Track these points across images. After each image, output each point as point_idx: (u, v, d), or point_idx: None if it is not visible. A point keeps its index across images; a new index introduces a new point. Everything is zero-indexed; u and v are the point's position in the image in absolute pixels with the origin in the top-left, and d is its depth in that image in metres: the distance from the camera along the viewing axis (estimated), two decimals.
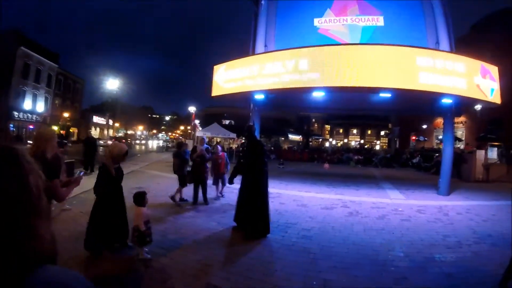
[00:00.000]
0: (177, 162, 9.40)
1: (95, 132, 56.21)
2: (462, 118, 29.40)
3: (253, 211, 6.32)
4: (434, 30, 12.71)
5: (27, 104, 39.53)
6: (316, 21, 14.14)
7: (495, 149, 20.57)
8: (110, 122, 58.20)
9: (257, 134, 8.97)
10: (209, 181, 9.78)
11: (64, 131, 44.90)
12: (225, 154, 10.74)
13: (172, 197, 8.96)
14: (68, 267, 3.88)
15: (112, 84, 26.67)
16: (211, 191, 9.83)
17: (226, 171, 10.13)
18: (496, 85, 11.34)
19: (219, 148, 10.85)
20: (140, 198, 5.26)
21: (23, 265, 0.77)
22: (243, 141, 11.07)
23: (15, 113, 37.01)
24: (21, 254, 0.78)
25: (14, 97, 36.87)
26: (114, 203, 5.15)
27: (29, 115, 39.58)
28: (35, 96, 41.43)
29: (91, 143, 15.16)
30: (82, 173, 3.86)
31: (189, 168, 9.61)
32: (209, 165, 9.89)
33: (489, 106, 13.21)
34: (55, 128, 44.01)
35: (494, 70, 11.41)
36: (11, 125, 36.29)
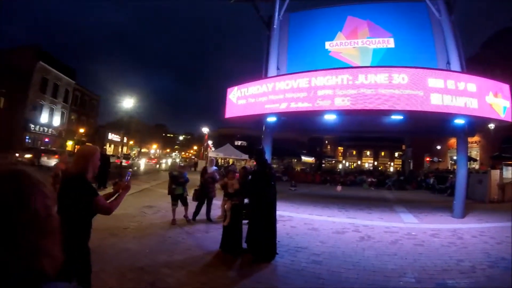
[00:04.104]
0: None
1: (109, 149, 56.82)
2: (476, 138, 29.04)
3: (261, 235, 6.28)
4: (444, 50, 12.71)
5: (43, 117, 40.32)
6: (328, 44, 14.37)
7: (510, 168, 20.19)
8: (125, 139, 58.83)
9: (268, 155, 8.99)
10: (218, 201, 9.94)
11: (79, 146, 45.64)
12: None
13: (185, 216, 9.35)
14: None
15: (127, 102, 27.37)
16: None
17: None
18: (508, 103, 11.20)
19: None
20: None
21: (26, 282, 0.79)
22: (254, 163, 11.01)
23: (32, 126, 37.72)
24: (25, 272, 0.80)
25: (31, 110, 37.66)
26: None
27: (45, 128, 40.32)
28: (52, 110, 42.31)
29: (105, 159, 15.19)
30: (129, 175, 3.63)
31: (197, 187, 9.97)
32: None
33: (502, 125, 13.08)
34: (70, 142, 44.89)
35: (505, 88, 11.32)
36: (27, 137, 37.00)
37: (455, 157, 24.67)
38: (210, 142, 44.93)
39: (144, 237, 7.29)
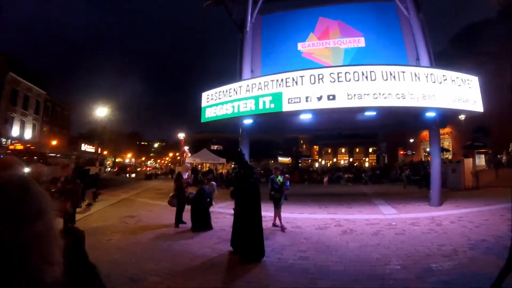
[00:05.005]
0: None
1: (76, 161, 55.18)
2: (447, 129, 29.88)
3: (247, 234, 6.30)
4: (413, 47, 13.12)
5: (14, 131, 38.65)
6: (300, 46, 14.59)
7: (482, 156, 20.89)
8: (98, 150, 57.54)
9: (247, 158, 9.10)
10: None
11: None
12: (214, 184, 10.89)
13: None
14: None
15: (100, 111, 26.36)
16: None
17: None
18: (477, 94, 11.61)
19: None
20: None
21: None
22: (233, 166, 11.13)
23: (3, 140, 36.16)
24: (37, 279, 0.78)
25: (2, 123, 35.94)
26: None
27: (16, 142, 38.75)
28: (23, 123, 40.56)
29: (83, 172, 14.29)
30: None
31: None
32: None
33: (472, 115, 13.54)
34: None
35: (474, 80, 11.72)
36: None
37: (428, 149, 25.36)
38: (186, 148, 44.60)
39: (128, 247, 7.15)
